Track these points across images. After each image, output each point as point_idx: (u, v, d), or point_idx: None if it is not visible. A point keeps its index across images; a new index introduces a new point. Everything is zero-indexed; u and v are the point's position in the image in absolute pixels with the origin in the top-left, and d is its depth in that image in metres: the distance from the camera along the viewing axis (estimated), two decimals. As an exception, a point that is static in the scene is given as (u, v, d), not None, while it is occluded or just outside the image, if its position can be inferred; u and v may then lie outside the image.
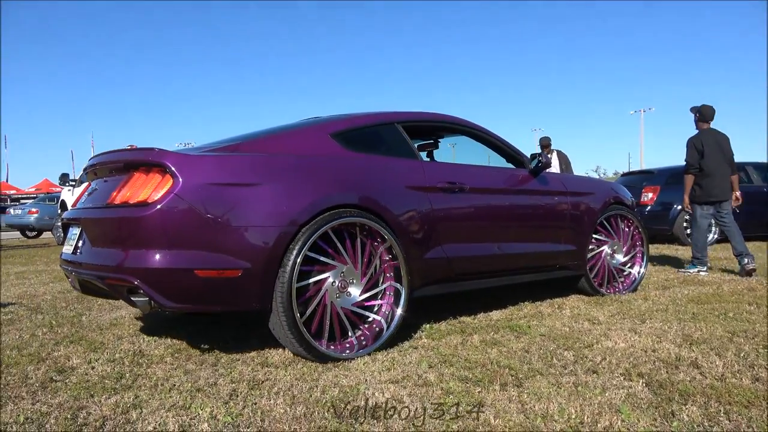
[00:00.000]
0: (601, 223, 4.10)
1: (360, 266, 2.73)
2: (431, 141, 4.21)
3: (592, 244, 4.08)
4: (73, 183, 11.70)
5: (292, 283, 2.47)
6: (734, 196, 5.37)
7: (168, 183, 2.38)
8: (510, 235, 3.53)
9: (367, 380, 2.29)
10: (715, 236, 8.10)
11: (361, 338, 2.72)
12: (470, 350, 2.69)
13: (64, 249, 2.98)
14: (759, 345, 2.69)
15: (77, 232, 2.84)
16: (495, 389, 2.14)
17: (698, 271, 5.24)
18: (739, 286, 4.47)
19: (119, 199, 2.50)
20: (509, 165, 3.85)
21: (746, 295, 4.06)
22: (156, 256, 2.34)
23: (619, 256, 4.24)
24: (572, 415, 1.89)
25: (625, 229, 4.26)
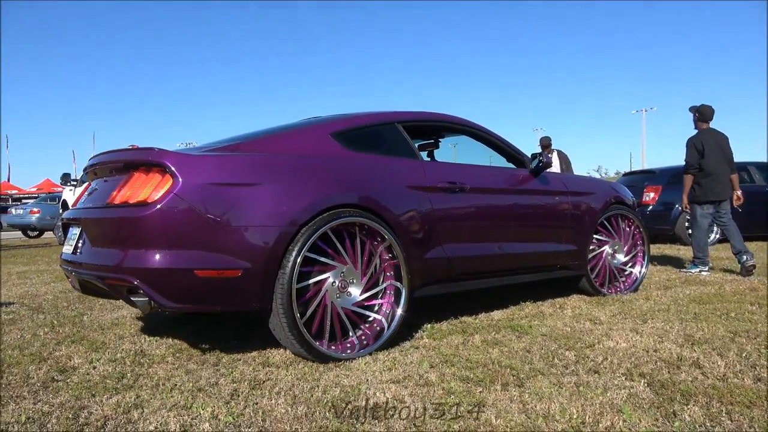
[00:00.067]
0: (601, 223, 4.10)
1: (360, 266, 2.73)
2: (432, 141, 4.21)
3: (593, 245, 4.07)
4: (75, 183, 11.74)
5: (292, 284, 2.47)
6: (735, 195, 5.38)
7: (168, 183, 2.38)
8: (511, 235, 3.53)
9: (368, 380, 2.29)
10: (717, 236, 8.09)
11: (362, 338, 2.72)
12: (471, 350, 2.69)
13: (64, 249, 2.98)
14: (761, 345, 2.69)
15: (77, 232, 2.84)
16: (496, 389, 2.14)
17: (700, 271, 5.24)
18: (741, 286, 4.46)
19: (119, 199, 2.49)
20: (510, 165, 3.85)
21: (748, 295, 4.05)
22: (156, 256, 2.33)
23: (620, 256, 4.24)
24: (574, 415, 1.88)
25: (626, 229, 4.25)
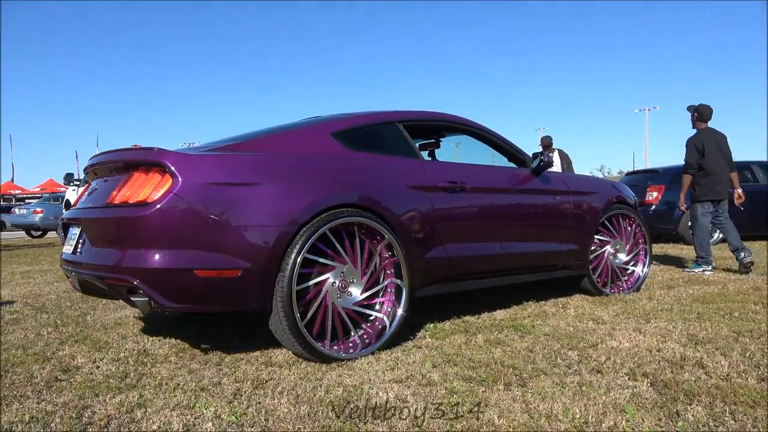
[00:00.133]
0: (603, 223, 4.09)
1: (360, 265, 2.72)
2: (433, 140, 4.20)
3: (595, 245, 4.06)
4: (78, 183, 11.77)
5: (293, 284, 2.46)
6: (736, 193, 5.41)
7: (167, 182, 2.37)
8: (512, 235, 3.52)
9: (371, 380, 2.29)
10: (719, 235, 8.06)
11: (364, 337, 2.72)
12: (474, 350, 2.69)
13: (65, 249, 2.98)
14: (764, 345, 2.68)
15: (77, 232, 2.84)
16: (499, 389, 2.14)
17: (703, 271, 5.23)
18: (745, 285, 4.45)
19: (119, 199, 2.49)
20: (511, 164, 3.84)
21: (752, 294, 4.04)
22: (155, 256, 2.33)
23: (622, 256, 4.23)
24: (576, 415, 1.88)
25: (627, 228, 4.25)
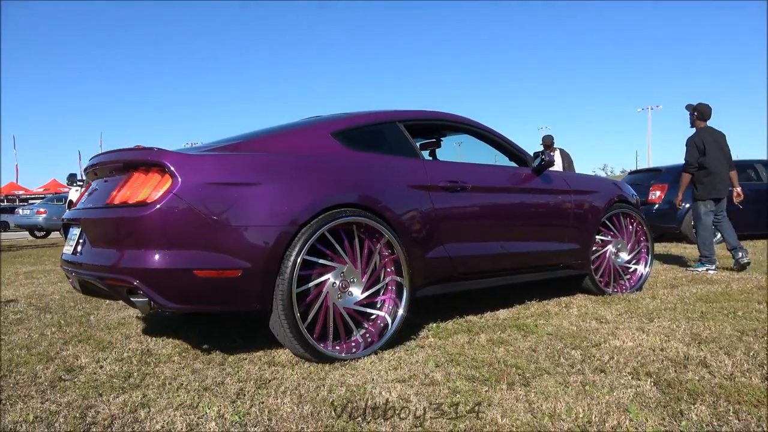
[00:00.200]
0: (604, 223, 4.08)
1: (360, 265, 2.72)
2: (433, 140, 4.20)
3: (597, 245, 4.06)
4: (81, 183, 11.80)
5: (293, 284, 2.46)
6: (735, 192, 5.46)
7: (167, 183, 2.37)
8: (513, 234, 3.51)
9: (374, 379, 2.29)
10: None
11: (366, 336, 2.72)
12: (477, 349, 2.68)
13: (65, 249, 2.98)
14: (768, 344, 2.67)
15: (77, 232, 2.84)
16: (502, 388, 2.14)
17: (707, 270, 5.23)
18: (748, 284, 4.43)
19: (119, 199, 2.49)
20: (512, 163, 3.84)
21: (755, 293, 4.03)
22: (155, 257, 2.33)
23: (624, 255, 4.23)
24: (580, 415, 1.88)
25: (629, 227, 4.24)
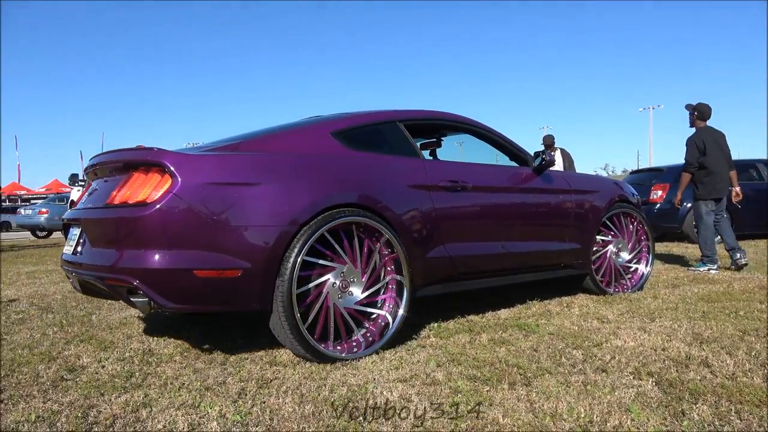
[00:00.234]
0: (605, 223, 4.07)
1: (360, 264, 2.71)
2: (434, 139, 4.20)
3: (598, 245, 4.05)
4: (83, 183, 11.81)
5: (293, 285, 2.45)
6: (734, 191, 5.49)
7: (167, 183, 2.37)
8: (513, 234, 3.51)
9: (375, 379, 2.29)
10: None
11: (367, 335, 2.72)
12: (478, 349, 2.68)
13: (65, 249, 2.98)
14: (770, 344, 2.67)
15: (77, 232, 2.84)
16: (503, 388, 2.14)
17: (708, 270, 5.22)
18: (750, 284, 4.43)
19: (118, 199, 2.49)
20: (513, 163, 3.83)
21: (757, 293, 4.02)
22: (155, 257, 2.33)
23: (625, 254, 4.22)
24: (581, 414, 1.88)
25: (629, 227, 4.24)
